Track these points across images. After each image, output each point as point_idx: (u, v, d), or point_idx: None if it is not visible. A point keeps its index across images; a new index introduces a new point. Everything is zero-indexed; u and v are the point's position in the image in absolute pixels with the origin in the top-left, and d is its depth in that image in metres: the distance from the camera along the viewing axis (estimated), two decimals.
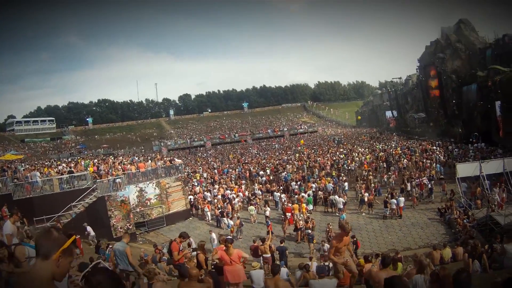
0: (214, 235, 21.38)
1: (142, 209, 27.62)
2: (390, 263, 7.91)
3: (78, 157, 50.67)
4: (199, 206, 30.81)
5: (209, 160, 65.37)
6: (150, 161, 32.26)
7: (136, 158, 36.42)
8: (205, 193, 33.17)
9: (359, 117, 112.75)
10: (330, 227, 21.75)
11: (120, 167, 30.03)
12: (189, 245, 16.42)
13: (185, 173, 37.69)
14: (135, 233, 25.21)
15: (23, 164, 36.86)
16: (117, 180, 26.64)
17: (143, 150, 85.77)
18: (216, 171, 46.60)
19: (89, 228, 22.12)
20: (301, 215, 26.07)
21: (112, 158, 38.75)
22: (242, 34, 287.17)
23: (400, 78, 79.30)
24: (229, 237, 10.50)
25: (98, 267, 2.36)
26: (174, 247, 10.75)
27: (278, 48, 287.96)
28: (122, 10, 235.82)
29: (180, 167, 31.83)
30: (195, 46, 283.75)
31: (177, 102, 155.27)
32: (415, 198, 27.72)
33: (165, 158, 35.91)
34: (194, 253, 14.28)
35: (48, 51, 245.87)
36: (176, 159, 35.34)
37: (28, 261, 7.00)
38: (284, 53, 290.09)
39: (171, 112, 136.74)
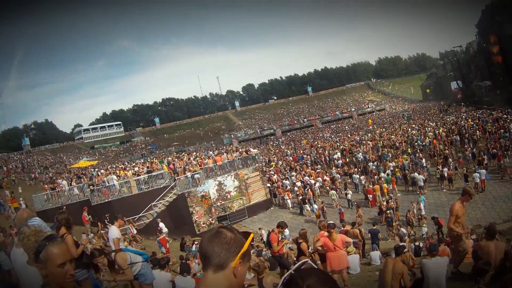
0: (263, 232, 21.40)
1: (223, 202, 27.48)
2: (495, 234, 7.27)
3: (152, 157, 51.62)
4: (279, 194, 30.40)
5: (282, 147, 64.79)
6: (225, 153, 32.07)
7: (211, 152, 36.44)
8: (284, 181, 32.64)
9: (428, 90, 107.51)
10: (410, 212, 21.40)
11: (195, 163, 30.02)
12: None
13: (263, 163, 37.35)
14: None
15: (96, 170, 37.96)
16: (196, 176, 26.67)
17: (213, 144, 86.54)
18: (291, 158, 46.04)
19: (161, 225, 22.24)
20: (384, 197, 25.17)
21: (186, 154, 39.03)
22: (297, 19, 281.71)
23: (461, 46, 74.34)
24: (331, 222, 9.74)
25: (306, 269, 1.51)
26: (273, 238, 10.15)
27: (334, 28, 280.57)
28: (169, 9, 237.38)
29: (256, 157, 31.44)
30: (250, 35, 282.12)
31: (241, 93, 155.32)
32: (507, 168, 25.63)
33: (240, 150, 35.60)
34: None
35: (103, 59, 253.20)
36: (252, 149, 34.97)
37: (130, 267, 6.65)
38: (341, 32, 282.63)
39: (237, 103, 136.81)
